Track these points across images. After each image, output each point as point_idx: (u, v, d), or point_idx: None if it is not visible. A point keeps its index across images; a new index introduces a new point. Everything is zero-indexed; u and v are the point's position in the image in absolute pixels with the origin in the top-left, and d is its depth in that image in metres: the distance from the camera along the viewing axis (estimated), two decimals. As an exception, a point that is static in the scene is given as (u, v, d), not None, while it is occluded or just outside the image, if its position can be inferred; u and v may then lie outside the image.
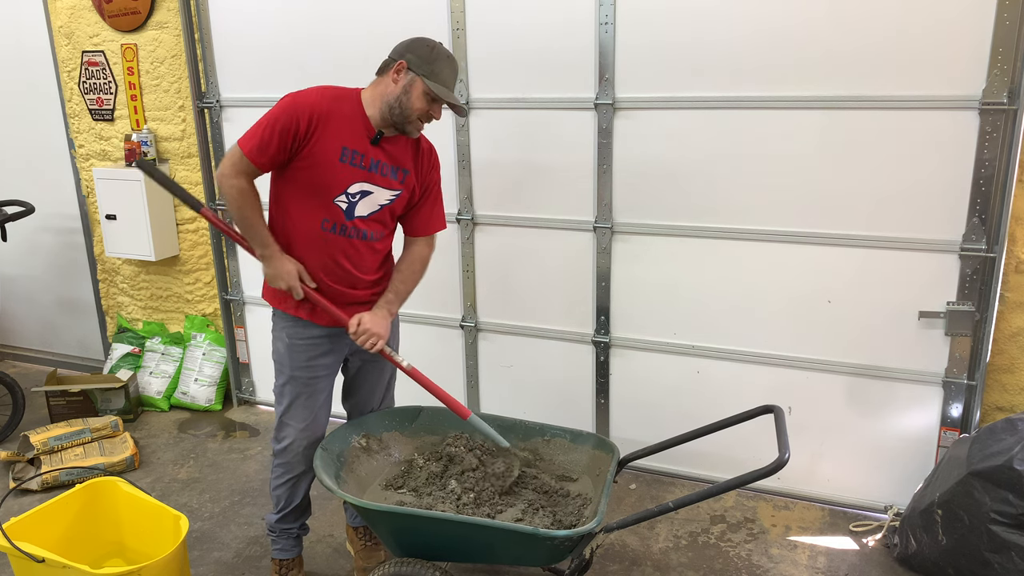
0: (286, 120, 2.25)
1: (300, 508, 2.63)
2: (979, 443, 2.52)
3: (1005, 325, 2.80)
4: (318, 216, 2.34)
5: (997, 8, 2.50)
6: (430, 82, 2.27)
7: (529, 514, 2.37)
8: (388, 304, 2.45)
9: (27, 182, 4.37)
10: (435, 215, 2.53)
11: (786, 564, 2.80)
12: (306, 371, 2.47)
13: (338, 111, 2.30)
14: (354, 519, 2.82)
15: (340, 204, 2.33)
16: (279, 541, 2.65)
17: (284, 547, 2.66)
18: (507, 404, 3.52)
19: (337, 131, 2.29)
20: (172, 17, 3.76)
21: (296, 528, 2.65)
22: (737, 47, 2.82)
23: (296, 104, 2.27)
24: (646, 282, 3.18)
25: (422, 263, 2.52)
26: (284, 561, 2.66)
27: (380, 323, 2.39)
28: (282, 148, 2.27)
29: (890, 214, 2.78)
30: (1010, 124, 2.56)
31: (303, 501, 2.62)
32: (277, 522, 2.62)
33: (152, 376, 4.12)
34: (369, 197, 2.36)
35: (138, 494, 2.61)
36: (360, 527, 2.80)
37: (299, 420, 2.49)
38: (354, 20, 3.35)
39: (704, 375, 3.19)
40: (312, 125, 2.26)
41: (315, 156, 2.28)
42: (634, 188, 3.09)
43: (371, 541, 2.78)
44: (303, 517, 2.67)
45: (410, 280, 2.51)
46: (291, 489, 2.57)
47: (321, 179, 2.30)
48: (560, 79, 3.08)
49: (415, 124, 2.34)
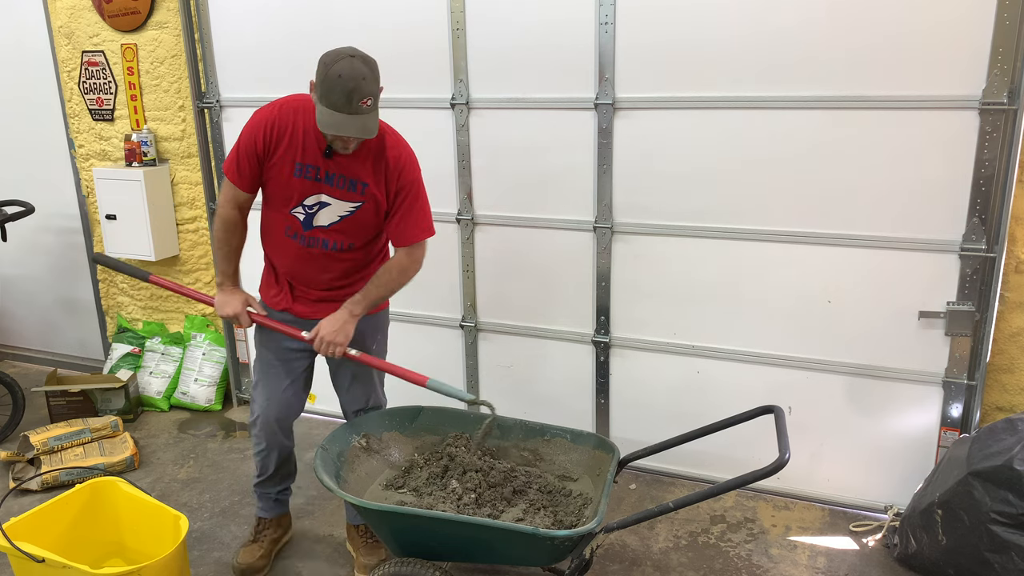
0: (247, 141, 2.37)
1: (277, 476, 2.77)
2: (979, 443, 2.53)
3: (1005, 325, 2.80)
4: (282, 224, 2.47)
5: (997, 8, 2.50)
6: (319, 107, 2.18)
7: (530, 514, 2.37)
8: (352, 305, 2.44)
9: (27, 182, 4.37)
10: (408, 225, 2.42)
11: (786, 564, 2.80)
12: (271, 352, 2.61)
13: (294, 124, 2.34)
14: (354, 518, 2.83)
15: (297, 215, 2.42)
16: (259, 501, 2.84)
17: (263, 507, 2.84)
18: (507, 404, 3.50)
19: (291, 145, 2.35)
20: (172, 17, 3.76)
21: (274, 493, 2.81)
22: (737, 47, 2.82)
23: (254, 123, 2.37)
24: (646, 282, 3.18)
25: (399, 272, 2.46)
26: (261, 519, 2.84)
27: (340, 329, 2.41)
28: (253, 166, 2.39)
29: (890, 214, 2.79)
30: (1010, 124, 2.56)
31: (279, 470, 2.75)
32: (256, 485, 2.81)
33: (152, 376, 4.12)
34: (328, 208, 2.40)
35: (138, 494, 2.61)
36: (360, 526, 2.81)
37: (262, 398, 2.63)
38: (354, 20, 3.34)
39: (704, 375, 3.19)
40: (268, 141, 2.35)
41: (273, 170, 2.38)
42: (634, 188, 3.09)
43: (371, 540, 2.79)
44: (282, 484, 2.82)
45: (383, 287, 2.46)
46: (264, 460, 2.72)
47: (279, 191, 2.41)
48: (560, 79, 3.08)
49: (336, 144, 2.30)
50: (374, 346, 2.65)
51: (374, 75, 2.21)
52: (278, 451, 2.70)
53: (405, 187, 2.38)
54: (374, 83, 2.20)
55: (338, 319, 2.42)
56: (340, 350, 2.42)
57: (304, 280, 2.55)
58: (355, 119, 2.18)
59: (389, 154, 2.37)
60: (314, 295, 2.56)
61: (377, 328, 2.68)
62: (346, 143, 2.28)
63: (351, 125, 2.19)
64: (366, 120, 2.21)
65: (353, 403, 2.73)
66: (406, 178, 2.38)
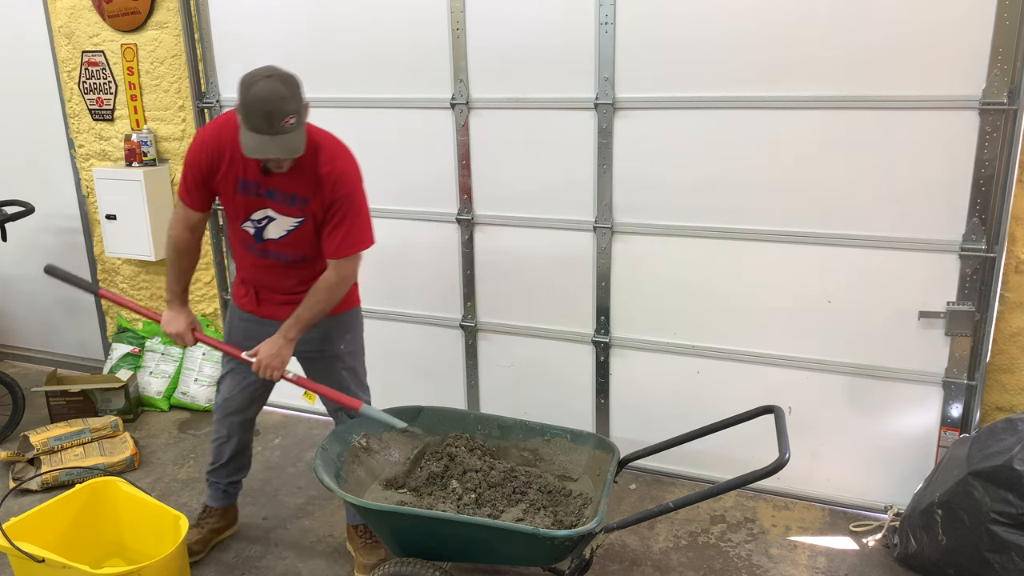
0: (191, 161, 2.43)
1: (228, 467, 2.85)
2: (979, 443, 2.53)
3: (1005, 325, 2.80)
4: (238, 236, 2.54)
5: (997, 8, 2.50)
6: (242, 131, 2.18)
7: (530, 514, 2.37)
8: (286, 330, 2.44)
9: (27, 182, 4.37)
10: (337, 239, 2.38)
11: (786, 564, 2.80)
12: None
13: (234, 141, 2.33)
14: (354, 518, 2.83)
15: (248, 229, 2.48)
16: (208, 489, 2.91)
17: (211, 496, 2.91)
18: (507, 404, 3.52)
19: (233, 162, 2.38)
20: (172, 17, 3.76)
21: (223, 483, 2.88)
22: (737, 47, 2.82)
23: (196, 143, 2.43)
24: (646, 282, 3.18)
25: (326, 289, 2.42)
26: (207, 508, 2.91)
27: (276, 353, 2.43)
28: (199, 185, 2.45)
29: (890, 214, 2.78)
30: (1010, 124, 2.56)
31: (232, 461, 2.83)
32: (209, 472, 2.89)
33: (152, 376, 4.12)
34: (275, 222, 2.45)
35: (138, 494, 2.61)
36: (359, 525, 2.81)
37: (226, 390, 2.74)
38: (354, 19, 3.35)
39: (704, 375, 3.19)
40: (211, 160, 2.40)
41: (219, 188, 2.44)
42: (634, 188, 3.09)
43: (371, 540, 2.79)
44: (233, 476, 2.88)
45: (313, 307, 2.43)
46: (220, 447, 2.82)
47: (229, 206, 2.48)
48: (560, 79, 3.08)
49: (269, 163, 2.30)
50: (342, 345, 2.65)
51: (294, 93, 2.17)
52: (235, 442, 2.80)
53: (338, 201, 2.35)
54: (295, 101, 2.17)
55: (274, 344, 2.43)
56: (277, 374, 2.45)
57: (266, 286, 2.60)
58: (277, 140, 2.16)
59: (323, 170, 2.33)
60: (278, 299, 2.59)
61: (346, 328, 2.66)
62: (278, 162, 2.29)
63: (273, 147, 2.17)
64: (289, 140, 2.18)
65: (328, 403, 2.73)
66: (340, 192, 2.34)
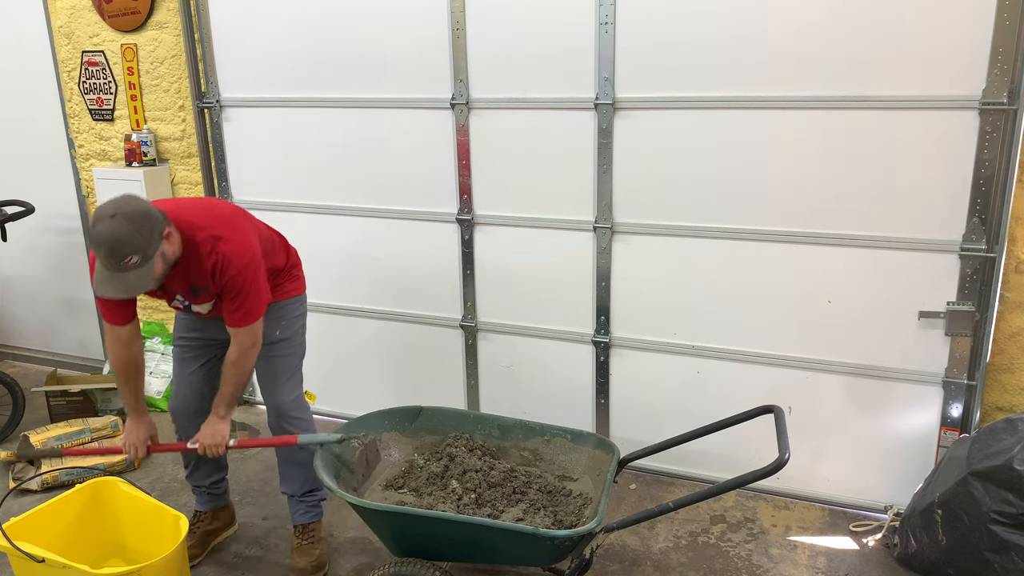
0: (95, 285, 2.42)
1: (201, 470, 2.85)
2: (979, 443, 2.53)
3: (1005, 325, 2.80)
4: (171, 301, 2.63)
5: (997, 8, 2.50)
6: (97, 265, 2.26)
7: (530, 514, 2.37)
8: (216, 409, 2.57)
9: (27, 182, 4.37)
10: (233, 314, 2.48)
11: (786, 564, 2.80)
12: (175, 344, 2.78)
13: None
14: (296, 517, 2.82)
15: (177, 306, 2.61)
16: (194, 494, 2.93)
17: (198, 500, 2.93)
18: (507, 404, 3.52)
19: None
20: (172, 17, 3.76)
21: (206, 485, 2.88)
22: (737, 47, 2.82)
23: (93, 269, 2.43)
24: (646, 282, 3.18)
25: (233, 363, 2.52)
26: (197, 512, 2.93)
27: (215, 432, 2.55)
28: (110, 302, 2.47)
29: (890, 214, 2.79)
30: (1010, 124, 2.56)
31: (201, 464, 2.82)
32: (186, 478, 2.91)
33: (152, 376, 4.12)
34: (195, 304, 2.57)
35: (138, 494, 2.61)
36: (297, 526, 2.81)
37: (173, 389, 2.79)
38: (354, 19, 3.35)
39: (704, 375, 3.19)
40: None
41: None
42: (634, 188, 3.09)
43: (306, 540, 2.78)
44: (208, 478, 2.88)
45: (231, 383, 2.55)
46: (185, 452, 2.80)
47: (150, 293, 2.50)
48: (560, 79, 3.08)
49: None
50: (277, 332, 2.69)
51: (137, 230, 2.18)
52: None
53: (227, 284, 2.43)
54: (137, 238, 2.18)
55: (210, 425, 2.56)
56: (221, 449, 2.55)
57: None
58: (121, 278, 2.23)
59: (206, 263, 2.41)
60: None
61: (279, 316, 2.70)
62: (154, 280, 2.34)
63: (117, 284, 2.25)
64: (130, 278, 2.23)
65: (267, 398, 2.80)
66: (226, 277, 2.41)
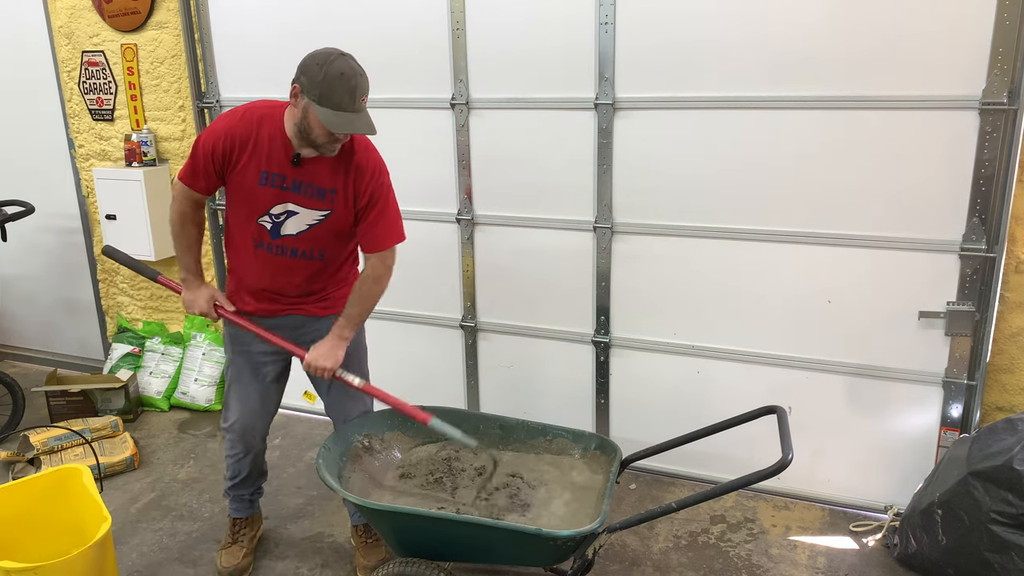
0: (204, 147, 2.35)
1: (250, 478, 2.80)
2: (979, 443, 2.53)
3: (1005, 325, 2.81)
4: (249, 235, 2.43)
5: (997, 8, 2.51)
6: (320, 108, 2.15)
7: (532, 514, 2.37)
8: (339, 330, 2.45)
9: (27, 182, 4.37)
10: (379, 231, 2.38)
11: (786, 564, 2.80)
12: (242, 357, 2.61)
13: (258, 133, 2.32)
14: (355, 517, 2.83)
15: (264, 224, 2.40)
16: (232, 503, 2.85)
17: (238, 508, 2.85)
18: (507, 404, 3.52)
19: (256, 154, 2.32)
20: (172, 17, 3.76)
21: (248, 494, 2.84)
22: (737, 47, 2.82)
23: (214, 131, 2.35)
24: (646, 282, 3.18)
25: (374, 281, 2.41)
26: (238, 520, 2.85)
27: (329, 354, 2.42)
28: (208, 172, 2.37)
29: (890, 214, 2.79)
30: (1010, 124, 2.56)
31: (251, 473, 2.78)
32: (230, 488, 2.82)
33: (152, 376, 4.11)
34: (296, 217, 2.38)
35: (90, 487, 2.50)
36: (360, 525, 2.81)
37: (236, 403, 2.65)
38: (354, 19, 3.35)
39: (704, 375, 3.19)
40: (228, 150, 2.33)
41: (237, 179, 2.36)
42: (634, 188, 3.09)
43: (371, 539, 2.79)
44: (255, 485, 2.85)
45: (361, 302, 2.43)
46: (238, 463, 2.75)
47: (245, 200, 2.38)
48: (560, 79, 3.09)
49: (326, 147, 2.26)
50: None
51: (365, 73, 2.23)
52: (253, 455, 2.73)
53: (375, 192, 2.34)
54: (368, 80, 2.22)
55: (327, 344, 2.43)
56: (328, 373, 2.43)
57: (274, 290, 2.51)
58: (361, 116, 2.20)
59: (359, 159, 2.33)
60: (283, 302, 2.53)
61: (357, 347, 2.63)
62: (333, 146, 2.27)
63: (360, 123, 2.20)
64: (367, 118, 2.22)
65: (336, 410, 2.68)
66: (376, 183, 2.34)
